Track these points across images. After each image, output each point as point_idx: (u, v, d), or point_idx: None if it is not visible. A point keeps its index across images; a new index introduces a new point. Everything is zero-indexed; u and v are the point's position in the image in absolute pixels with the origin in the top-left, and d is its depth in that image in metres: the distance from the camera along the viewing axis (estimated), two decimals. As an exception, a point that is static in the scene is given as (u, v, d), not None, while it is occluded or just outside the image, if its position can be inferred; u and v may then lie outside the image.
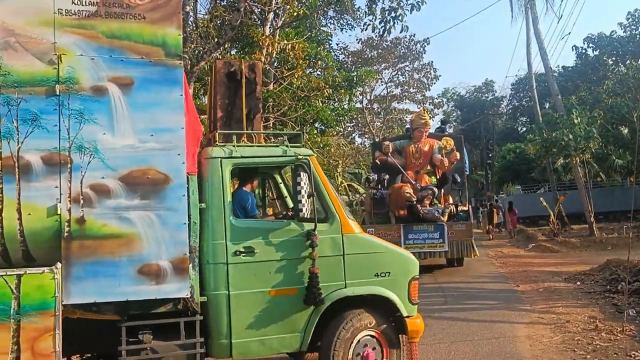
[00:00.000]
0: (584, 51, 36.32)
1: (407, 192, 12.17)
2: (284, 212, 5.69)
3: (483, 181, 48.38)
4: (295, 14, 12.46)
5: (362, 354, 4.79)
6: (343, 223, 4.85)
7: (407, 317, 4.95)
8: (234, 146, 4.76)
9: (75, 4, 4.12)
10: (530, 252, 18.44)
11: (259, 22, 13.20)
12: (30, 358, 3.82)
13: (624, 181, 30.27)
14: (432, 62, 33.11)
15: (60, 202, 3.97)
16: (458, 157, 13.76)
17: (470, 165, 20.34)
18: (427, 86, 33.04)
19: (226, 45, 12.44)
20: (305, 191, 4.57)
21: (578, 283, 10.82)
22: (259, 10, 13.11)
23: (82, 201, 4.02)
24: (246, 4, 11.44)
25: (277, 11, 13.03)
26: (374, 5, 11.76)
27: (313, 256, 4.61)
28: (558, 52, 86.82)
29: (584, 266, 12.42)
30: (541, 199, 23.84)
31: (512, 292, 10.38)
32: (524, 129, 43.04)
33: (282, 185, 5.86)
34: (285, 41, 12.15)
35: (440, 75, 33.63)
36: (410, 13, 11.88)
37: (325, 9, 14.26)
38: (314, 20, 14.16)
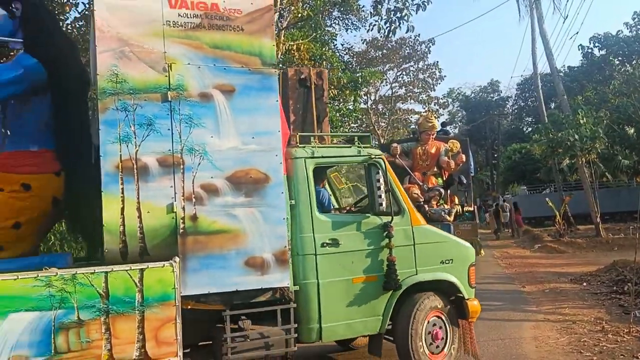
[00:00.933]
0: (590, 51, 35.67)
1: (415, 193, 12.60)
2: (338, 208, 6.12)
3: (488, 181, 47.04)
4: (300, 15, 12.73)
5: (432, 332, 5.30)
6: (412, 216, 5.33)
7: (467, 299, 5.48)
8: (314, 147, 5.16)
9: (181, 17, 4.42)
10: (536, 252, 18.51)
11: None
12: (154, 346, 4.12)
13: (630, 181, 29.97)
14: (437, 62, 32.54)
15: (175, 201, 4.28)
16: (464, 160, 14.22)
17: (475, 166, 20.93)
18: (432, 86, 32.77)
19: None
20: (381, 187, 5.02)
21: (584, 284, 10.79)
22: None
23: (194, 200, 4.34)
24: None
25: (282, 12, 13.20)
26: (379, 6, 11.88)
27: (390, 246, 5.08)
28: (564, 52, 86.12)
29: (590, 267, 12.41)
30: (547, 199, 23.41)
31: (518, 293, 10.46)
32: (530, 129, 42.36)
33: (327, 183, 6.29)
34: (291, 42, 12.39)
35: (445, 76, 33.16)
36: (416, 13, 11.96)
37: (330, 9, 14.38)
38: (319, 20, 14.40)
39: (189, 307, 4.37)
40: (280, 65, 13.92)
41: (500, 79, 77.73)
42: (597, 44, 35.54)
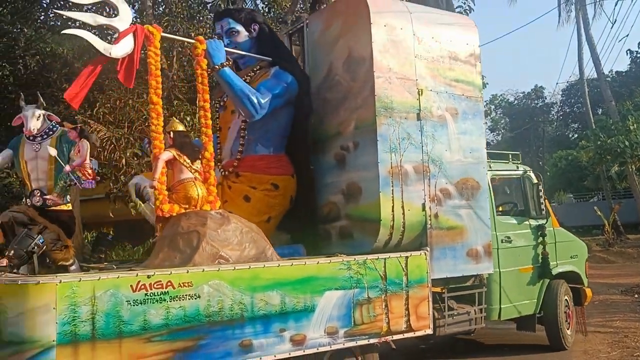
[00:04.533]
0: (638, 55, 35.30)
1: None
2: None
3: (532, 190, 45.82)
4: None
5: (566, 312, 6.64)
6: (552, 220, 6.66)
7: (585, 287, 6.91)
8: (488, 162, 6.32)
9: (427, 52, 5.42)
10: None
11: None
12: (415, 320, 5.06)
13: (682, 189, 30.32)
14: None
15: (425, 202, 5.25)
16: None
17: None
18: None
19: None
20: (540, 197, 6.31)
21: (636, 296, 10.70)
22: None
23: (436, 201, 5.33)
24: (293, 16, 12.24)
25: (297, 18, 13.59)
26: None
27: (544, 243, 6.37)
28: (612, 56, 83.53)
29: (642, 278, 12.00)
30: (595, 207, 22.62)
31: (567, 304, 10.22)
32: (576, 135, 41.59)
33: None
34: None
35: (487, 83, 33.06)
36: None
37: None
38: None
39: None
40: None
41: (545, 84, 74.73)
42: (646, 49, 34.57)
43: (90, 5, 4.88)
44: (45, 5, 12.58)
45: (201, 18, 12.95)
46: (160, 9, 12.19)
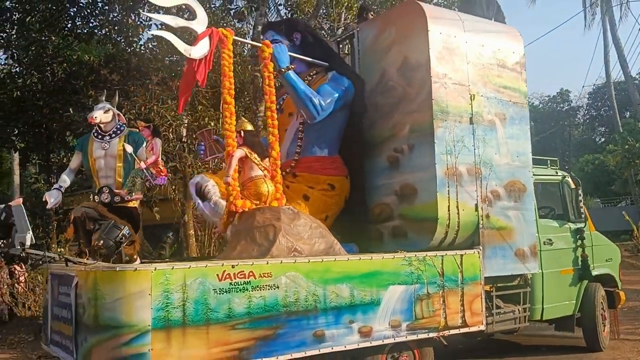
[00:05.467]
0: None
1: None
2: None
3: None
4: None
5: (602, 312, 6.82)
6: (589, 224, 6.87)
7: (618, 290, 7.10)
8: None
9: (477, 59, 5.65)
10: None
11: (328, 37, 12.93)
12: (469, 315, 5.24)
13: None
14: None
15: (477, 202, 5.45)
16: None
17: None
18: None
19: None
20: (580, 201, 6.52)
21: None
22: (328, 26, 13.53)
23: (487, 202, 5.53)
24: (316, 21, 12.21)
25: (346, 27, 13.77)
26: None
27: (583, 245, 6.57)
28: None
29: (672, 285, 11.29)
30: (623, 212, 21.79)
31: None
32: (603, 139, 41.27)
33: None
34: None
35: None
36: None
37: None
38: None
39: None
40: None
41: (571, 88, 72.51)
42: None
43: (172, 6, 5.08)
44: (72, 13, 12.84)
45: (225, 24, 13.06)
46: (185, 16, 12.37)
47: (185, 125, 11.97)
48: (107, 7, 12.65)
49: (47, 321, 4.84)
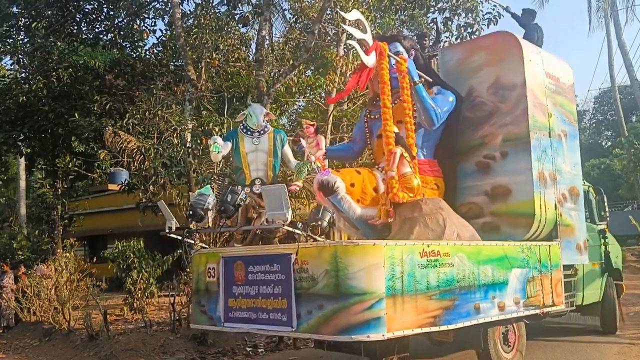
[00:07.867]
0: None
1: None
2: None
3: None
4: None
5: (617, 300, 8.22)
6: (607, 225, 8.28)
7: (622, 282, 8.57)
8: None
9: (549, 84, 6.80)
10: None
11: (333, 43, 13.45)
12: (556, 297, 6.28)
13: None
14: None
15: (555, 202, 6.54)
16: None
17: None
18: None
19: (301, 67, 12.66)
20: (605, 208, 7.91)
21: None
22: (333, 31, 13.57)
23: (560, 203, 6.64)
24: (320, 26, 12.19)
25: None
26: (449, 22, 12.17)
27: (606, 243, 7.94)
28: None
29: (678, 289, 11.85)
30: (630, 216, 20.10)
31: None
32: (609, 143, 40.64)
33: None
34: (359, 61, 13.16)
35: None
36: (487, 27, 11.75)
37: (399, 28, 14.04)
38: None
39: (553, 274, 6.59)
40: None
41: (576, 92, 71.62)
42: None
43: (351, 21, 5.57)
44: (78, 19, 12.45)
45: (229, 30, 13.57)
46: (190, 21, 12.46)
47: (190, 130, 12.07)
48: (112, 13, 12.49)
49: (215, 303, 5.11)
